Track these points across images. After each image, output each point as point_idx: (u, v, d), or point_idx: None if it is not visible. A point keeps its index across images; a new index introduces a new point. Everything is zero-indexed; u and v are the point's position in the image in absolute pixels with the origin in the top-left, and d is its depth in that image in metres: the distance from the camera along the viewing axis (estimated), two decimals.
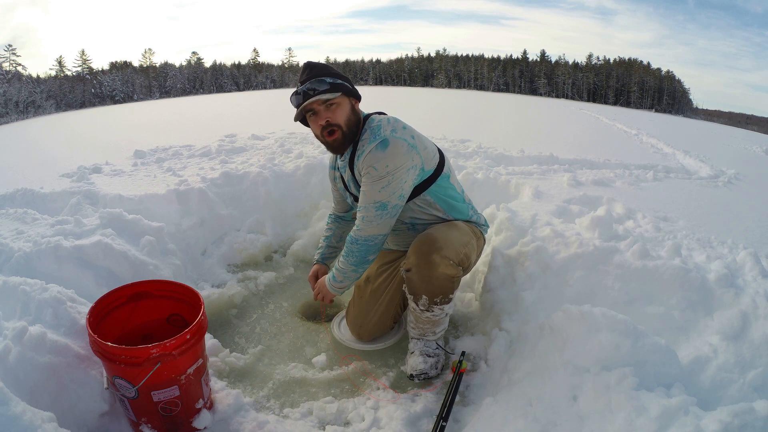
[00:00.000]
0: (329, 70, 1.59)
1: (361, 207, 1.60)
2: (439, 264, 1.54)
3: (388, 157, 1.51)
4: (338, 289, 1.77)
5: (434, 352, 1.75)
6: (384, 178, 1.52)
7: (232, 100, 20.34)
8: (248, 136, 5.85)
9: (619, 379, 1.33)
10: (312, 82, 1.53)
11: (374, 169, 1.52)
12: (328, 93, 1.53)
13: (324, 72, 1.57)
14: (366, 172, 1.55)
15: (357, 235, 1.63)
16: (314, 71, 1.57)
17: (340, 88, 1.55)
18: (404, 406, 1.56)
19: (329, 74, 1.56)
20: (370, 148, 1.52)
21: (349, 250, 1.65)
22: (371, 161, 1.52)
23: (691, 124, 18.30)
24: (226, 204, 2.90)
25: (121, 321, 1.50)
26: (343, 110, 1.57)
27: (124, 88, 51.31)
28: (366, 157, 1.54)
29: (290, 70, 68.25)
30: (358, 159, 1.59)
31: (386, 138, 1.53)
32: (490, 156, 4.72)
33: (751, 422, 1.15)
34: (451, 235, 1.59)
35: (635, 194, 3.73)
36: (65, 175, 3.66)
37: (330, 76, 1.56)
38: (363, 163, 1.55)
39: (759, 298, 1.57)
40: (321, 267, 2.04)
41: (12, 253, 1.72)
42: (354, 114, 1.61)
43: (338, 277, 1.72)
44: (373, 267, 1.96)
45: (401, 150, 1.53)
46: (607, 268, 1.83)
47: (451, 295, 1.64)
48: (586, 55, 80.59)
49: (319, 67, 1.58)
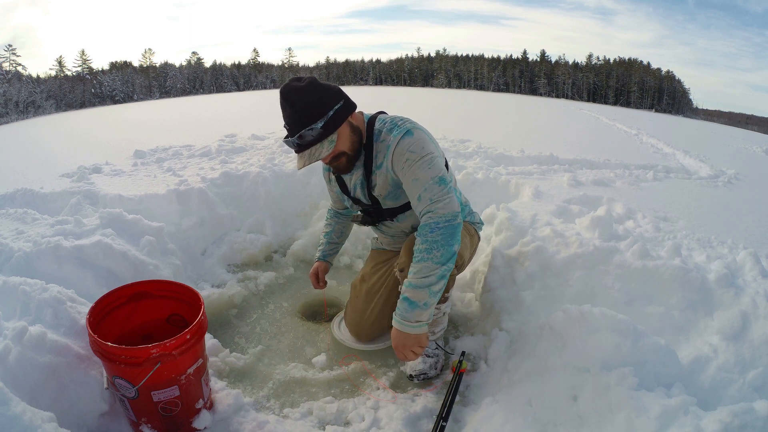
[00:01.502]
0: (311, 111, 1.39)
1: (422, 193, 1.40)
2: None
3: (417, 141, 1.44)
4: (425, 320, 1.37)
5: (433, 353, 1.74)
6: (426, 156, 1.42)
7: (232, 100, 20.34)
8: (248, 136, 5.85)
9: (619, 379, 1.33)
10: (300, 136, 1.40)
11: (412, 152, 1.43)
12: (322, 139, 1.42)
13: (307, 118, 1.39)
14: (405, 159, 1.43)
15: (432, 219, 1.35)
16: (296, 118, 1.40)
17: (331, 127, 1.42)
18: (404, 406, 1.56)
19: (313, 117, 1.39)
20: (396, 140, 1.45)
21: (429, 244, 1.33)
22: (406, 147, 1.43)
23: (691, 124, 18.30)
24: (226, 204, 2.90)
25: (121, 321, 1.50)
26: (343, 139, 1.47)
27: (124, 88, 51.31)
28: (397, 149, 1.45)
29: (290, 70, 68.28)
30: (386, 157, 1.48)
31: (408, 128, 1.47)
32: (490, 156, 4.71)
33: (751, 422, 1.15)
34: None
35: (635, 194, 3.73)
36: (65, 175, 3.66)
37: (316, 119, 1.39)
38: (396, 156, 1.45)
39: (759, 298, 1.57)
40: (322, 264, 2.02)
41: (12, 253, 1.72)
42: (355, 132, 1.51)
43: (419, 298, 1.33)
44: (367, 267, 1.95)
45: (426, 138, 1.48)
46: (607, 268, 1.83)
47: (446, 294, 1.63)
48: (586, 55, 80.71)
49: (300, 111, 1.38)
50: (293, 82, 1.42)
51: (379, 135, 1.52)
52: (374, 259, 1.95)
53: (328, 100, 1.43)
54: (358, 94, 2.13)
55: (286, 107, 1.41)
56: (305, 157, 1.45)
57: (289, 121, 1.42)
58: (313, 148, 1.44)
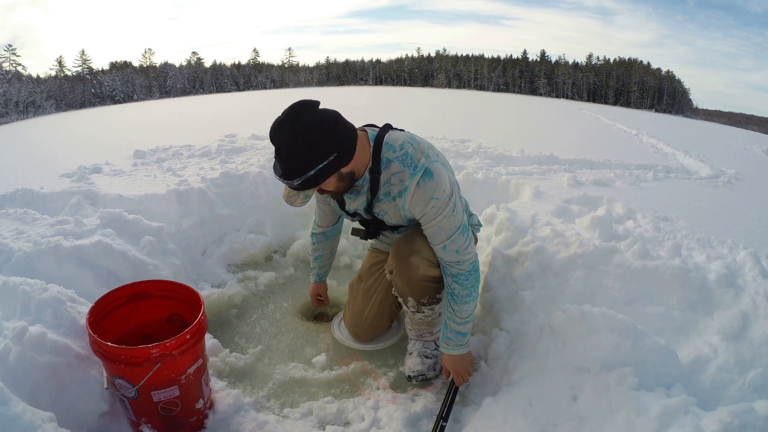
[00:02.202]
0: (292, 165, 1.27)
1: (448, 244, 1.42)
2: (418, 266, 1.52)
3: (439, 184, 1.36)
4: (468, 342, 1.56)
5: (432, 354, 1.75)
6: (449, 202, 1.38)
7: (232, 100, 20.34)
8: (248, 136, 5.84)
9: (619, 379, 1.33)
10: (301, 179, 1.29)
11: (436, 199, 1.36)
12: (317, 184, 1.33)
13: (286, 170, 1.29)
14: (430, 207, 1.37)
15: (462, 269, 1.45)
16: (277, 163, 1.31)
17: (308, 185, 1.31)
18: (404, 406, 1.56)
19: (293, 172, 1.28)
20: (415, 182, 1.35)
21: (468, 290, 1.47)
22: (429, 194, 1.35)
23: (691, 124, 18.29)
24: (226, 204, 2.90)
25: (121, 321, 1.50)
26: (327, 184, 1.36)
27: (124, 88, 51.33)
28: (418, 193, 1.36)
29: (290, 70, 68.29)
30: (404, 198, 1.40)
31: (426, 167, 1.36)
32: (490, 156, 4.71)
33: (751, 422, 1.16)
34: None
35: (635, 194, 3.73)
36: (65, 175, 3.66)
37: (294, 176, 1.28)
38: (417, 200, 1.38)
39: (759, 298, 1.57)
40: (321, 285, 2.09)
41: (12, 253, 1.72)
42: (343, 180, 1.38)
43: (466, 329, 1.53)
44: (364, 267, 1.95)
45: (443, 171, 1.40)
46: (607, 268, 1.83)
47: (438, 295, 1.61)
48: (586, 55, 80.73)
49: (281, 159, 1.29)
50: (289, 118, 1.26)
51: (389, 164, 1.39)
52: (371, 259, 1.95)
53: (315, 156, 1.26)
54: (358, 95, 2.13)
55: (279, 149, 1.29)
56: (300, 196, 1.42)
57: (282, 164, 1.30)
58: (310, 191, 1.40)
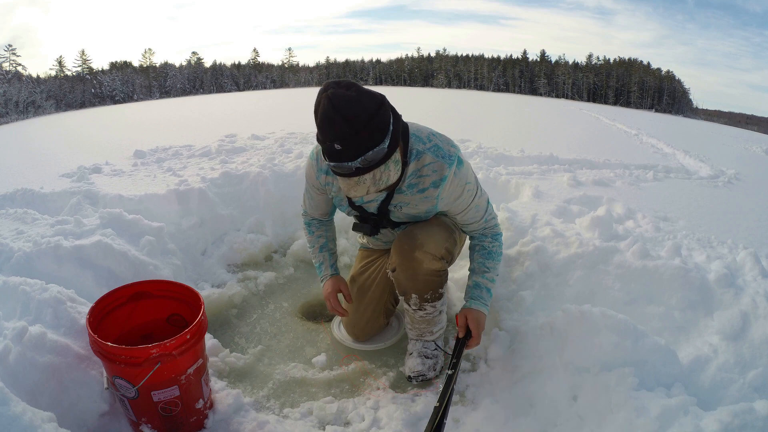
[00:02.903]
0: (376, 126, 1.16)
1: (485, 216, 1.58)
2: (422, 260, 1.53)
3: (468, 170, 1.48)
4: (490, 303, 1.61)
5: (432, 354, 1.74)
6: (478, 187, 1.53)
7: (232, 100, 20.33)
8: (248, 136, 5.85)
9: (619, 379, 1.34)
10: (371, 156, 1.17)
11: (469, 183, 1.47)
12: (387, 160, 1.22)
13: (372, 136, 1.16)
14: (467, 191, 1.48)
15: (497, 230, 1.62)
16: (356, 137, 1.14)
17: (395, 144, 1.22)
18: (404, 406, 1.56)
19: (380, 133, 1.17)
20: (452, 173, 1.40)
21: (497, 251, 1.60)
22: (463, 181, 1.45)
23: (691, 124, 18.29)
24: (226, 204, 2.90)
25: (121, 321, 1.50)
26: (394, 172, 1.28)
27: (124, 88, 51.32)
28: (453, 183, 1.43)
29: (290, 70, 68.27)
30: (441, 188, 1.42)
31: (456, 156, 1.42)
32: (490, 156, 4.71)
33: (751, 422, 1.16)
34: (431, 231, 1.55)
35: (635, 194, 3.73)
36: (65, 175, 3.66)
37: (383, 136, 1.18)
38: (454, 187, 1.44)
39: (759, 298, 1.57)
40: (338, 279, 1.81)
41: (12, 253, 1.72)
42: (399, 166, 1.31)
43: (493, 287, 1.59)
44: (356, 267, 1.95)
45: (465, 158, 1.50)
46: (607, 268, 1.83)
47: (440, 290, 1.63)
48: (586, 55, 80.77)
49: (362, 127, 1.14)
50: (339, 89, 1.15)
51: (420, 156, 1.40)
52: (362, 259, 1.94)
53: (385, 110, 1.18)
54: None
55: (340, 126, 1.13)
56: (367, 182, 1.22)
57: (344, 142, 1.14)
58: (377, 171, 1.22)
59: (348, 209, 1.64)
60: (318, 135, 1.22)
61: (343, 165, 1.19)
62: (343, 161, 1.18)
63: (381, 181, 1.25)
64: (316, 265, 1.85)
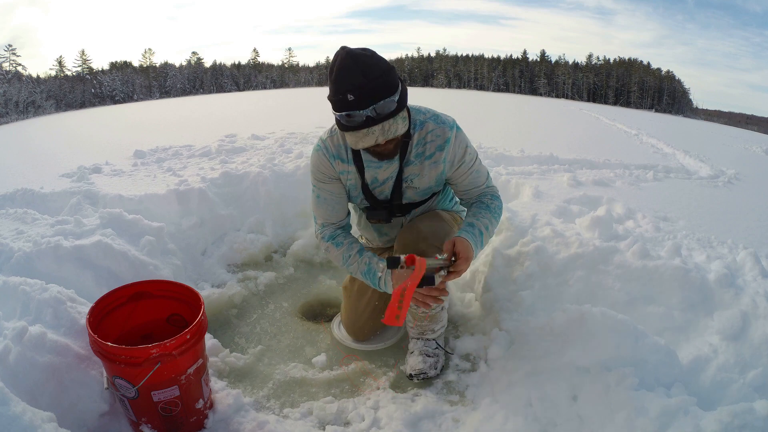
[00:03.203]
0: (387, 81, 1.28)
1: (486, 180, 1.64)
2: (426, 252, 1.51)
3: (465, 135, 1.57)
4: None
5: (434, 352, 1.74)
6: (477, 154, 1.61)
7: (232, 100, 20.33)
8: (248, 136, 5.85)
9: (619, 379, 1.34)
10: (381, 106, 1.26)
11: (469, 147, 1.56)
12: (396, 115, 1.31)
13: (384, 89, 1.27)
14: (468, 154, 1.56)
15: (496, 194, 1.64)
16: (371, 88, 1.25)
17: (403, 103, 1.33)
18: (404, 406, 1.56)
19: (390, 88, 1.28)
20: (453, 134, 1.50)
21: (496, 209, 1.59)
22: (464, 143, 1.54)
23: (691, 124, 18.29)
24: (226, 204, 2.90)
25: (121, 321, 1.50)
26: (402, 125, 1.35)
27: (124, 88, 51.32)
28: (456, 144, 1.52)
29: (290, 70, 68.27)
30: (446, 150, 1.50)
31: (454, 121, 1.54)
32: (490, 156, 4.72)
33: (751, 422, 1.16)
34: (434, 225, 1.58)
35: (635, 194, 3.73)
36: (65, 175, 3.66)
37: (393, 91, 1.28)
38: (456, 149, 1.52)
39: (759, 298, 1.57)
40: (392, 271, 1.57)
41: (12, 253, 1.72)
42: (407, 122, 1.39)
43: (486, 239, 1.53)
44: None
45: None
46: (607, 268, 1.83)
47: None
48: (586, 55, 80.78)
49: (376, 80, 1.25)
50: (354, 50, 1.29)
51: (423, 125, 1.49)
52: None
53: (395, 72, 1.33)
54: None
55: (356, 75, 1.24)
56: (375, 133, 1.30)
57: (360, 92, 1.24)
58: (387, 124, 1.30)
59: (361, 198, 1.63)
60: (331, 91, 1.30)
61: (355, 114, 1.27)
62: (355, 109, 1.26)
63: (390, 132, 1.31)
64: (362, 273, 1.58)
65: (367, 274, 1.57)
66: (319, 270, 2.60)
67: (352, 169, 1.57)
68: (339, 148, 1.55)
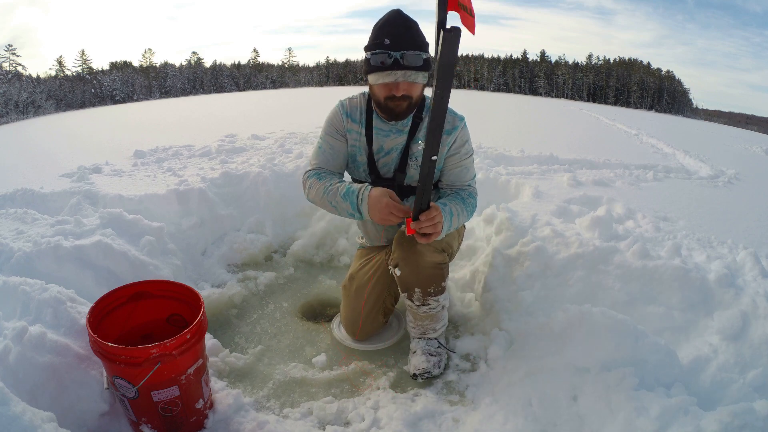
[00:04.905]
0: (423, 41, 1.49)
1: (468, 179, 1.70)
2: (424, 252, 1.55)
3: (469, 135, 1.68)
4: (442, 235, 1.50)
5: (436, 351, 1.75)
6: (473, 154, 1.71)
7: (232, 100, 20.33)
8: (248, 136, 5.84)
9: (619, 379, 1.34)
10: (410, 55, 1.44)
11: (468, 144, 1.67)
12: (421, 71, 1.49)
13: (420, 44, 1.47)
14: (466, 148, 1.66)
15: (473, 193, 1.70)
16: (410, 37, 1.46)
17: (427, 66, 1.49)
18: (404, 406, 1.56)
19: (423, 46, 1.48)
20: (462, 125, 1.63)
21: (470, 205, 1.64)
22: (466, 137, 1.66)
23: (691, 124, 18.29)
24: (226, 204, 2.90)
25: (121, 321, 1.50)
26: (421, 87, 1.56)
27: (124, 88, 51.32)
28: (461, 135, 1.63)
29: (290, 70, 68.27)
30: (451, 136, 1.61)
31: (464, 117, 1.65)
32: (490, 156, 4.72)
33: (751, 422, 1.16)
34: None
35: (635, 194, 3.73)
36: (65, 175, 3.65)
37: (425, 50, 1.48)
38: (459, 142, 1.64)
39: (759, 298, 1.57)
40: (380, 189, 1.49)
41: (12, 253, 1.72)
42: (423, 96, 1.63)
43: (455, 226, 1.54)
44: (354, 266, 1.95)
45: None
46: (607, 268, 1.83)
47: (443, 283, 1.65)
48: (586, 55, 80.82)
49: (416, 35, 1.48)
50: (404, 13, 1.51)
51: None
52: (359, 258, 1.96)
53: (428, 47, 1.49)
54: None
55: (399, 26, 1.45)
56: (397, 74, 1.45)
57: (397, 39, 1.43)
58: (409, 71, 1.46)
59: (364, 166, 1.70)
60: (371, 37, 1.49)
61: (384, 54, 1.43)
62: (387, 50, 1.43)
63: (409, 78, 1.46)
64: (341, 195, 1.51)
65: (346, 194, 1.51)
66: (319, 270, 2.61)
67: (362, 132, 1.67)
68: (354, 109, 1.68)
